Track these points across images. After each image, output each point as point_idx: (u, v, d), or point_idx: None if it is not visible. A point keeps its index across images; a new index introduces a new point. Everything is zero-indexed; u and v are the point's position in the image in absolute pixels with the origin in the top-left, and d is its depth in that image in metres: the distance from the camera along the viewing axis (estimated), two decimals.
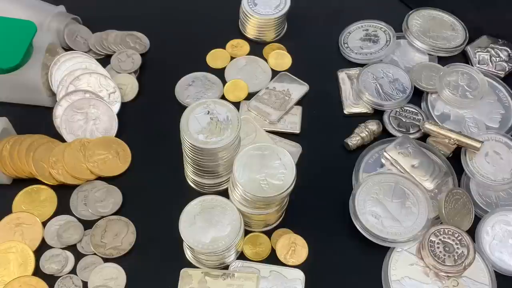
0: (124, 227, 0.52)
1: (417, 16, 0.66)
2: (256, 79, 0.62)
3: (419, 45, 0.64)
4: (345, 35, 0.66)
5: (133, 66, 0.62)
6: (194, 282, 0.48)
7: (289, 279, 0.49)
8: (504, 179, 0.54)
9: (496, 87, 0.62)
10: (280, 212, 0.51)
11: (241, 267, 0.49)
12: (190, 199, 0.48)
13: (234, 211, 0.47)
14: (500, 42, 0.65)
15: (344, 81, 0.62)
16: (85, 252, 0.51)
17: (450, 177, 0.55)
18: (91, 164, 0.54)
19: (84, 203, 0.53)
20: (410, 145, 0.55)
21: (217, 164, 0.49)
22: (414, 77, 0.61)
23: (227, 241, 0.46)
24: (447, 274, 0.48)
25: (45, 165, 0.53)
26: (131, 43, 0.64)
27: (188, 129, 0.47)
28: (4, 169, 0.53)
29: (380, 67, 0.62)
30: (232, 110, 0.48)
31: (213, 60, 0.64)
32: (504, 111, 0.60)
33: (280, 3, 0.64)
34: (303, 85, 0.61)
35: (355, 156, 0.57)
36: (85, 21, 0.65)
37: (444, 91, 0.59)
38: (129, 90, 0.61)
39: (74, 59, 0.59)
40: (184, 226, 0.46)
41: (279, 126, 0.59)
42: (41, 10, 0.62)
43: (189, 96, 0.60)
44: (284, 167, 0.47)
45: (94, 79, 0.58)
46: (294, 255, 0.50)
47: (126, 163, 0.56)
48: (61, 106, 0.57)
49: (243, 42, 0.66)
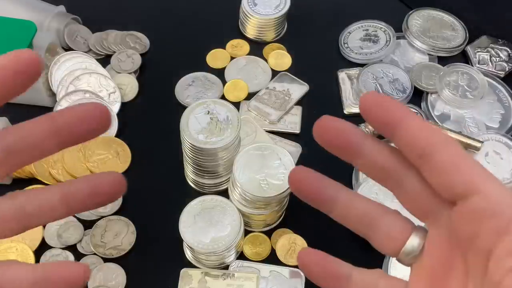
0: (124, 227, 0.52)
1: (417, 16, 0.66)
2: (256, 79, 0.62)
3: (419, 45, 0.64)
4: (345, 35, 0.66)
5: (133, 66, 0.62)
6: (194, 282, 0.48)
7: (289, 279, 0.49)
8: (504, 179, 0.54)
9: (496, 87, 0.62)
10: (280, 212, 0.51)
11: (241, 267, 0.49)
12: (190, 199, 0.48)
13: (234, 211, 0.47)
14: (500, 42, 0.65)
15: (344, 81, 0.62)
16: (85, 252, 0.51)
17: None
18: (91, 164, 0.54)
19: None
20: None
21: (217, 164, 0.49)
22: (414, 77, 0.61)
23: (227, 241, 0.46)
24: None
25: (45, 165, 0.53)
26: (131, 43, 0.64)
27: (188, 129, 0.47)
28: None
29: (380, 67, 0.62)
30: (232, 110, 0.48)
31: (213, 60, 0.64)
32: (504, 111, 0.60)
33: (280, 3, 0.64)
34: (303, 85, 0.61)
35: None
36: (85, 21, 0.65)
37: (444, 91, 0.59)
38: (129, 90, 0.61)
39: (74, 59, 0.59)
40: (184, 226, 0.46)
41: (279, 126, 0.59)
42: (41, 10, 0.62)
43: (189, 96, 0.60)
44: (284, 167, 0.47)
45: (94, 79, 0.58)
46: (294, 255, 0.50)
47: (126, 163, 0.56)
48: (61, 106, 0.57)
49: (243, 42, 0.66)
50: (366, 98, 0.26)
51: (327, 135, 0.28)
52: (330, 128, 0.28)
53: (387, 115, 0.26)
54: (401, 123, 0.26)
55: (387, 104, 0.26)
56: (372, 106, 0.26)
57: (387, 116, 0.26)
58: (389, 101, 0.26)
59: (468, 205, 0.24)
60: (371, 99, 0.26)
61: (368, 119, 0.27)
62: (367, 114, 0.27)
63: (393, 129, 0.26)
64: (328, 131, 0.28)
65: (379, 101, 0.26)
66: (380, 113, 0.26)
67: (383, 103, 0.26)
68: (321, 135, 0.28)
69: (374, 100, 0.26)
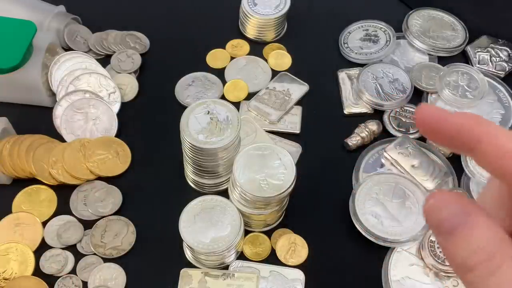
0: (124, 227, 0.52)
1: (417, 16, 0.66)
2: (256, 79, 0.62)
3: (419, 45, 0.64)
4: (345, 35, 0.66)
5: (133, 66, 0.62)
6: (194, 282, 0.48)
7: (289, 279, 0.49)
8: None
9: (496, 87, 0.62)
10: (280, 212, 0.51)
11: (241, 267, 0.49)
12: (190, 199, 0.48)
13: (234, 211, 0.47)
14: (500, 42, 0.65)
15: (344, 81, 0.62)
16: (85, 252, 0.51)
17: (450, 177, 0.55)
18: (91, 164, 0.54)
19: (84, 203, 0.53)
20: (410, 145, 0.55)
21: (217, 164, 0.49)
22: (414, 77, 0.61)
23: (227, 241, 0.46)
24: (447, 274, 0.48)
25: (45, 165, 0.53)
26: (131, 43, 0.64)
27: (188, 129, 0.47)
28: (4, 169, 0.53)
29: (380, 67, 0.62)
30: (232, 110, 0.48)
31: (213, 60, 0.64)
32: (504, 111, 0.60)
33: (280, 3, 0.64)
34: (303, 85, 0.61)
35: (355, 156, 0.57)
36: (85, 21, 0.65)
37: (444, 91, 0.59)
38: (129, 90, 0.61)
39: (74, 59, 0.59)
40: (184, 226, 0.46)
41: (279, 126, 0.59)
42: (41, 10, 0.62)
43: (189, 96, 0.60)
44: (284, 167, 0.47)
45: (94, 79, 0.58)
46: (294, 255, 0.50)
47: (126, 163, 0.56)
48: (61, 106, 0.57)
49: (243, 42, 0.66)
50: (421, 115, 0.23)
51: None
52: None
53: (462, 136, 0.23)
54: (478, 146, 0.23)
55: (457, 120, 0.23)
56: (433, 125, 0.23)
57: (460, 137, 0.23)
58: (455, 116, 0.23)
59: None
60: (429, 117, 0.23)
61: (434, 139, 0.24)
62: (430, 135, 0.24)
63: (470, 152, 0.23)
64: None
65: (440, 117, 0.23)
66: (449, 132, 0.23)
67: (448, 118, 0.23)
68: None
69: (435, 117, 0.23)
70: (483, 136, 0.22)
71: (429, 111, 0.23)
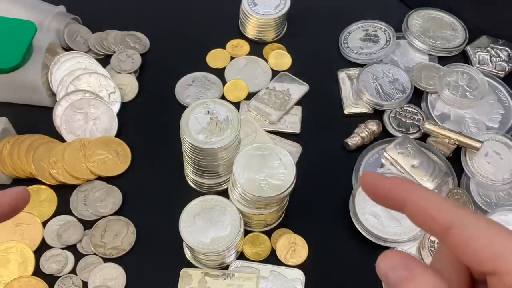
0: (124, 227, 0.52)
1: (417, 16, 0.66)
2: (256, 79, 0.62)
3: (419, 45, 0.64)
4: (345, 35, 0.66)
5: (133, 66, 0.62)
6: (194, 282, 0.48)
7: (289, 279, 0.49)
8: (504, 179, 0.54)
9: (496, 87, 0.62)
10: (280, 212, 0.51)
11: (241, 267, 0.49)
12: (190, 199, 0.48)
13: (234, 211, 0.47)
14: (500, 42, 0.65)
15: (344, 81, 0.62)
16: (85, 252, 0.51)
17: (450, 177, 0.55)
18: (91, 164, 0.54)
19: (84, 203, 0.53)
20: (410, 145, 0.55)
21: (217, 164, 0.49)
22: (414, 77, 0.61)
23: (227, 241, 0.46)
24: None
25: (45, 165, 0.53)
26: (131, 43, 0.64)
27: (188, 129, 0.47)
28: (4, 169, 0.53)
29: (380, 67, 0.62)
30: (232, 110, 0.48)
31: (213, 60, 0.64)
32: (504, 111, 0.60)
33: (280, 3, 0.64)
34: (303, 85, 0.61)
35: (355, 156, 0.57)
36: (85, 21, 0.65)
37: (444, 91, 0.59)
38: (129, 90, 0.61)
39: (74, 59, 0.59)
40: (184, 226, 0.46)
41: (279, 126, 0.59)
42: (41, 10, 0.62)
43: (189, 96, 0.60)
44: (284, 167, 0.47)
45: (94, 79, 0.58)
46: (294, 255, 0.50)
47: (126, 163, 0.56)
48: (61, 106, 0.57)
49: (243, 42, 0.66)
50: (363, 181, 0.27)
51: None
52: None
53: (390, 196, 0.27)
54: (405, 203, 0.26)
55: (387, 183, 0.27)
56: (371, 188, 0.27)
57: (390, 198, 0.27)
58: (387, 181, 0.27)
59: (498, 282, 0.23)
60: (369, 181, 0.27)
61: (374, 199, 0.28)
62: (371, 196, 0.28)
63: (401, 210, 0.27)
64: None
65: (376, 182, 0.27)
66: (382, 194, 0.27)
67: (381, 183, 0.27)
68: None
69: (372, 182, 0.27)
70: (406, 199, 0.26)
71: (369, 177, 0.28)
